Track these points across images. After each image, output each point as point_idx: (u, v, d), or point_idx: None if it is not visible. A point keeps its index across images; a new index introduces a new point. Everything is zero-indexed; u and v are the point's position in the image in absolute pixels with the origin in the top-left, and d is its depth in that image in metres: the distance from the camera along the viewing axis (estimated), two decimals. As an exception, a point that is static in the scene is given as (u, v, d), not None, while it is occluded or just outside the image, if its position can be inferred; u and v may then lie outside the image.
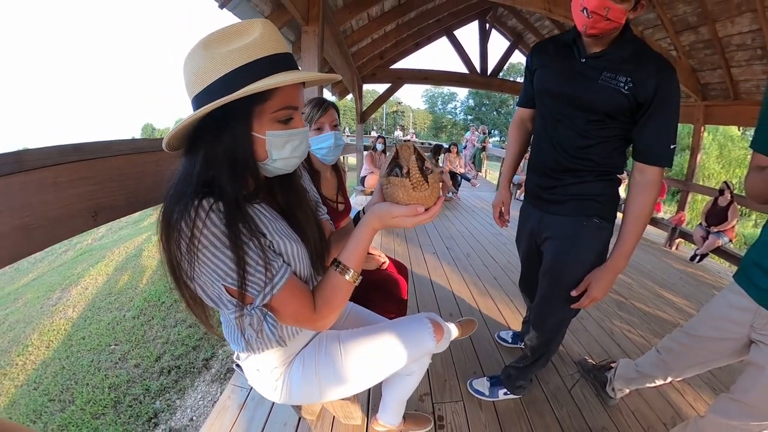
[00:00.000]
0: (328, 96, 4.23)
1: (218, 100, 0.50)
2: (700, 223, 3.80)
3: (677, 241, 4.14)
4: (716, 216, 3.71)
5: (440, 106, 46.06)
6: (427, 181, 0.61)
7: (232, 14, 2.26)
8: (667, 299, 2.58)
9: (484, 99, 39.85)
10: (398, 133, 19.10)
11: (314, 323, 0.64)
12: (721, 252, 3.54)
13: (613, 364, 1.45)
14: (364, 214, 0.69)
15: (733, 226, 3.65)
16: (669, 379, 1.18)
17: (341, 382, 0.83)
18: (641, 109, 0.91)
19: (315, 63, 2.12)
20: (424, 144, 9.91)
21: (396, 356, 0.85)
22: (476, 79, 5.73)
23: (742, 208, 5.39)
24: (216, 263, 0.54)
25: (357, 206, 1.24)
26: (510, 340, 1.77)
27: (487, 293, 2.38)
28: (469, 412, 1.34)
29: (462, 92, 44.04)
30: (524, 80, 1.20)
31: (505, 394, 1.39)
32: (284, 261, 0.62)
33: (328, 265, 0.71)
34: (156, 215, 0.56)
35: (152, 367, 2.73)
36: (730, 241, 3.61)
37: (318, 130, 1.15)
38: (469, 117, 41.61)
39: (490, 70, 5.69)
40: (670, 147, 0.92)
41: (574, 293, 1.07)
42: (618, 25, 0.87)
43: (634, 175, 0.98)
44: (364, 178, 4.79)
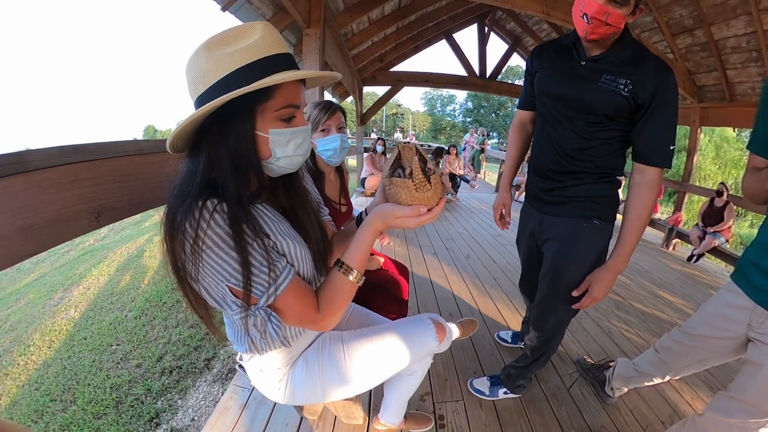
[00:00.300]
0: (330, 99, 4.23)
1: (222, 96, 0.51)
2: (697, 224, 3.82)
3: (674, 241, 4.15)
4: (713, 216, 3.73)
5: (439, 109, 46.07)
6: (430, 182, 0.60)
7: (235, 17, 2.27)
8: (665, 299, 2.59)
9: (482, 101, 39.87)
10: (398, 135, 19.18)
11: (318, 324, 0.65)
12: (717, 252, 3.56)
13: (611, 364, 1.46)
14: (367, 215, 0.70)
15: (730, 227, 3.67)
16: (667, 378, 1.19)
17: (344, 383, 0.83)
18: (640, 110, 0.92)
19: (316, 65, 2.13)
20: (424, 146, 9.93)
21: (399, 356, 0.85)
22: (475, 81, 5.76)
23: (738, 208, 5.42)
24: (220, 264, 0.54)
25: (358, 207, 1.25)
26: (510, 340, 1.78)
27: (487, 294, 2.39)
28: (469, 412, 1.35)
29: (461, 95, 44.10)
30: (524, 83, 1.21)
31: (505, 393, 1.40)
32: (288, 262, 0.62)
33: (330, 266, 0.71)
34: (159, 216, 0.56)
35: (154, 367, 2.73)
36: (727, 241, 3.63)
37: (325, 131, 1.15)
38: (468, 119, 41.66)
39: (488, 72, 5.72)
40: (670, 148, 0.93)
41: (575, 293, 1.08)
42: (617, 29, 0.89)
43: (634, 176, 0.99)
44: (364, 179, 4.79)
